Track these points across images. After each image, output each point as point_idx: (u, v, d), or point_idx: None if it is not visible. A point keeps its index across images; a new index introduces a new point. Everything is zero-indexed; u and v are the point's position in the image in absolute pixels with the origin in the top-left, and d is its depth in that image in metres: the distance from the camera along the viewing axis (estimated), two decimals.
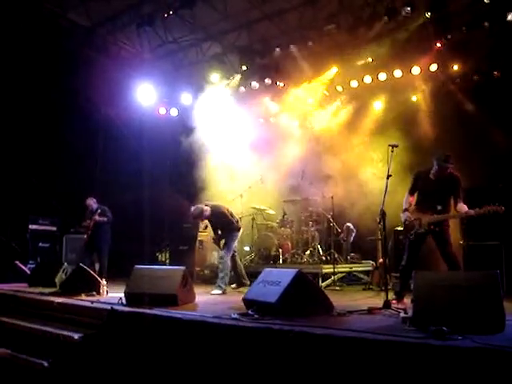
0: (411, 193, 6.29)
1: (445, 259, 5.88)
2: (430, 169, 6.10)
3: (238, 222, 8.52)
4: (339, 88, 11.95)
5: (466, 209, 5.84)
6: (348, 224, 9.95)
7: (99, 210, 9.36)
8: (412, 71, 10.51)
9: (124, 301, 5.92)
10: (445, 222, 5.96)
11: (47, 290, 7.33)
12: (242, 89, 12.44)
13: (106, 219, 9.38)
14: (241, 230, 8.55)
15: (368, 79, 11.19)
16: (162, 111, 13.19)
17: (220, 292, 7.71)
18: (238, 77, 12.14)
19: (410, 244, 6.14)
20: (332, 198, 9.67)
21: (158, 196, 13.34)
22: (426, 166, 6.27)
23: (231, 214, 8.43)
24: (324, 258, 9.70)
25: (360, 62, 10.87)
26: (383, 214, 5.83)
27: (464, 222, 7.74)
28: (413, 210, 6.19)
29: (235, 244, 8.47)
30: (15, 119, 10.48)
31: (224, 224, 8.30)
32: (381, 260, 8.60)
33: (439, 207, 5.92)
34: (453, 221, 6.67)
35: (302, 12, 10.32)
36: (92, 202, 9.55)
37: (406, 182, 6.46)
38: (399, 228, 7.76)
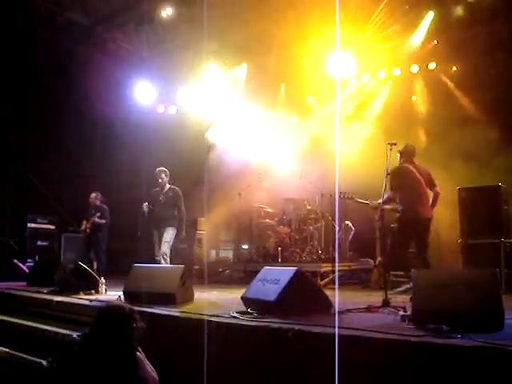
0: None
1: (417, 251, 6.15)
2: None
3: None
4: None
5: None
6: (347, 222, 9.94)
7: (99, 213, 9.37)
8: (410, 69, 10.50)
9: (123, 299, 5.92)
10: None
11: (46, 289, 7.31)
12: (241, 85, 12.41)
13: (104, 222, 9.46)
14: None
15: (366, 77, 11.19)
16: (161, 109, 13.18)
17: None
18: (236, 74, 12.11)
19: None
20: (331, 196, 9.65)
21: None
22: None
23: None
24: (323, 256, 9.70)
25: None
26: (382, 212, 5.85)
27: (463, 221, 7.72)
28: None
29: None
30: (12, 117, 10.45)
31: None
32: (380, 258, 8.59)
33: (419, 199, 6.15)
34: (452, 219, 6.80)
35: (300, 9, 10.28)
36: (95, 199, 9.52)
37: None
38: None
